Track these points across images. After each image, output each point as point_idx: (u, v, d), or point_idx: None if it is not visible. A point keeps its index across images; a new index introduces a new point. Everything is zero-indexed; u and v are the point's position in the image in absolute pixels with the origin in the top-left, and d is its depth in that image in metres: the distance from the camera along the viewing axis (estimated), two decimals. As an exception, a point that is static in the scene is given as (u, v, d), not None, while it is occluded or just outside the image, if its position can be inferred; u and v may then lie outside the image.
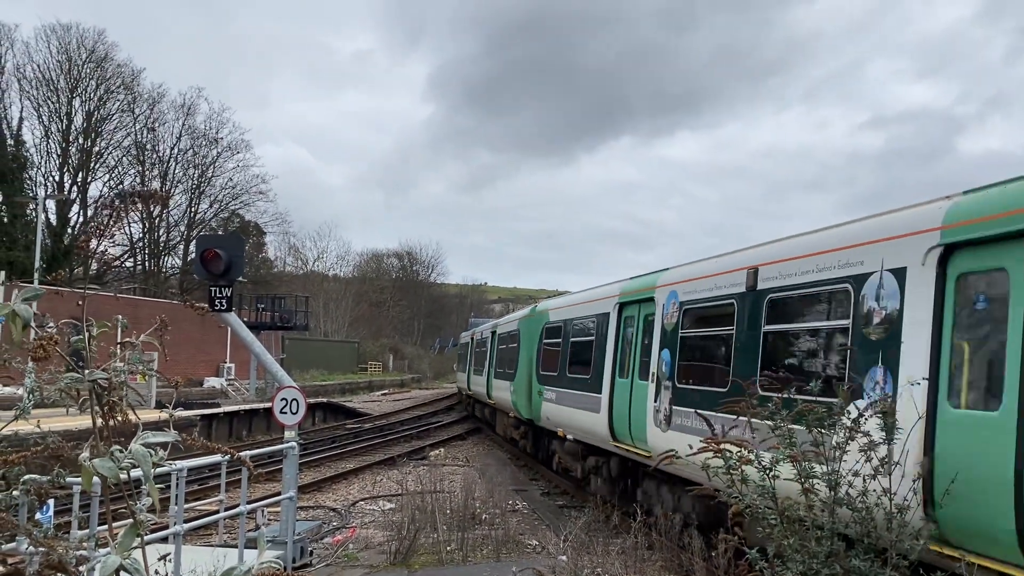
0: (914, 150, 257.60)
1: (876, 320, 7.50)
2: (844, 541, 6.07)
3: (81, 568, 1.94)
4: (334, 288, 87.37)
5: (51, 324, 1.81)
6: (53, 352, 1.71)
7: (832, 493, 6.08)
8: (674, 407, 11.69)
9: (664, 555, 11.09)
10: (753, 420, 6.70)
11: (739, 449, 6.41)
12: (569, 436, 17.52)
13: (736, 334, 10.17)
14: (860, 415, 6.06)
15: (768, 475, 6.28)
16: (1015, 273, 6.10)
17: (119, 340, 1.96)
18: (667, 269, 13.24)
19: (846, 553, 5.93)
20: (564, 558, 10.31)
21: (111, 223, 1.95)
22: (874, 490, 5.99)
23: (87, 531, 6.74)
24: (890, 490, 5.95)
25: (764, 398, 7.10)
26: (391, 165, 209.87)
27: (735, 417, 7.21)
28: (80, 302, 1.83)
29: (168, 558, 5.87)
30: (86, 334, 1.79)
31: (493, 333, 29.86)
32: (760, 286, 9.66)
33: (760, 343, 9.52)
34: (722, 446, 6.46)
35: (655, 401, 12.37)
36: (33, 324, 1.77)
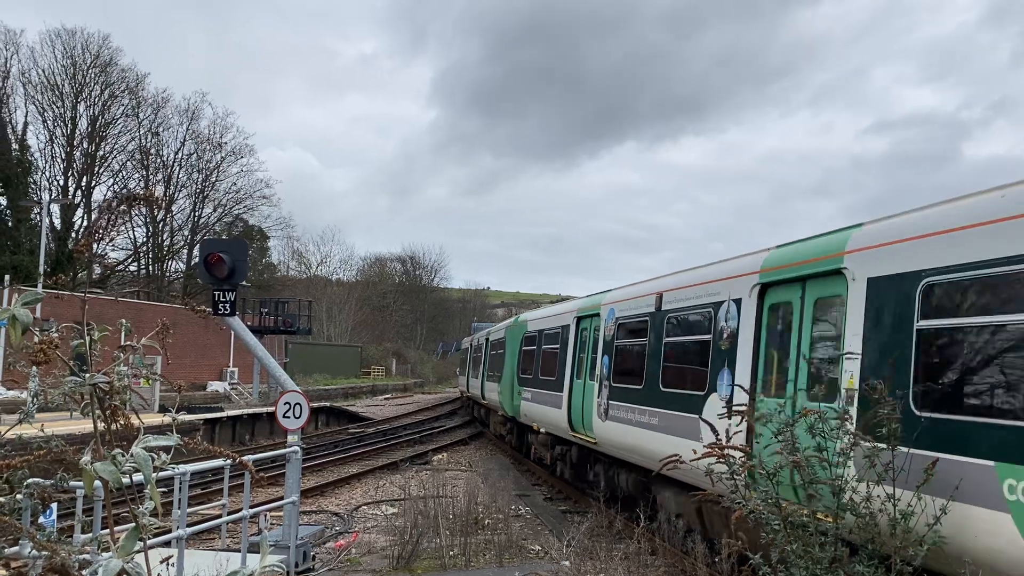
0: (919, 155, 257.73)
1: (725, 335, 10.12)
2: (848, 547, 6.06)
3: (84, 572, 1.94)
4: (337, 292, 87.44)
5: (54, 328, 1.81)
6: (54, 356, 1.71)
7: (836, 498, 6.07)
8: (610, 401, 14.66)
9: (667, 560, 11.06)
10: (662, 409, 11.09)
11: (740, 455, 6.41)
12: (542, 429, 20.59)
13: (648, 344, 12.97)
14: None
15: (772, 481, 6.28)
16: (796, 305, 8.78)
17: (122, 344, 1.96)
18: (610, 291, 16.33)
19: (850, 559, 5.91)
20: (567, 563, 10.29)
21: (110, 226, 1.95)
22: (878, 495, 5.98)
23: (90, 535, 6.75)
24: (893, 495, 5.94)
25: (665, 392, 11.46)
26: (395, 170, 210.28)
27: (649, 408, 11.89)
28: (83, 306, 1.83)
29: (171, 562, 5.87)
30: (87, 338, 1.79)
31: (487, 340, 32.23)
32: (663, 308, 12.66)
33: (662, 351, 12.30)
34: (725, 452, 6.45)
35: (598, 397, 15.26)
36: (33, 328, 1.77)
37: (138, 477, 1.78)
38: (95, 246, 1.97)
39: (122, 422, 1.75)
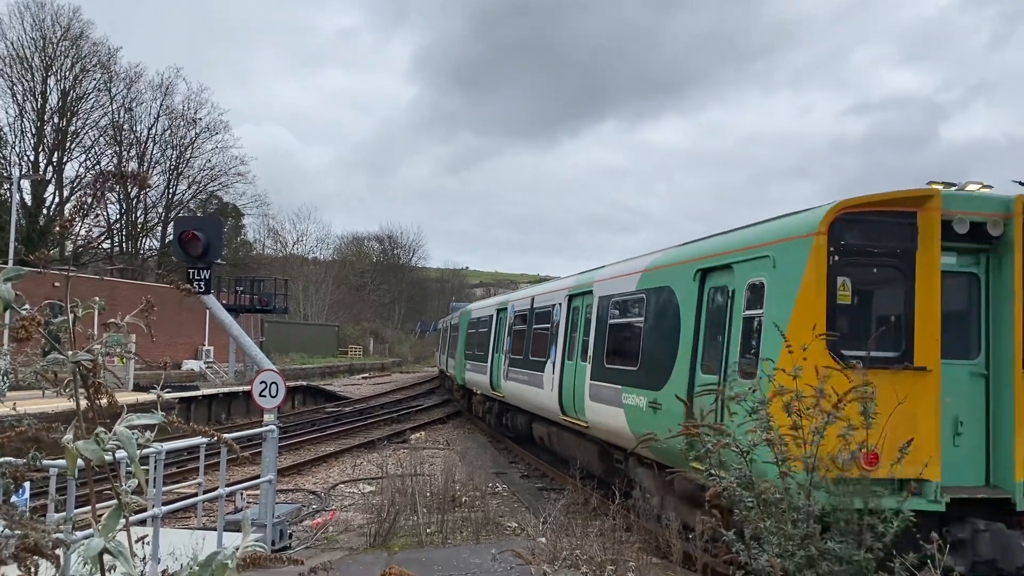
0: (897, 136, 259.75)
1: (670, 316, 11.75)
2: (820, 524, 6.16)
3: (58, 551, 1.93)
4: (314, 271, 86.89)
5: (26, 306, 1.78)
6: (36, 333, 1.68)
7: (809, 476, 6.17)
8: (503, 369, 21.96)
9: (642, 537, 11.18)
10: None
11: (716, 433, 6.48)
12: (476, 391, 27.49)
13: (557, 325, 17.54)
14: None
15: (746, 459, 6.36)
16: (734, 288, 9.88)
17: (96, 322, 1.94)
18: (511, 296, 23.76)
19: (821, 536, 6.02)
20: (543, 540, 10.38)
21: (94, 203, 1.92)
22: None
23: (63, 514, 6.70)
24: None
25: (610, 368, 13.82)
26: (374, 147, 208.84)
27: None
28: (56, 284, 1.81)
29: (146, 541, 5.85)
30: (70, 315, 1.77)
31: (452, 325, 38.18)
32: (596, 293, 15.37)
33: (607, 332, 14.30)
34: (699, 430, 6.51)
35: (504, 364, 21.81)
36: (15, 305, 1.74)
37: (117, 455, 1.77)
38: (80, 223, 1.94)
39: (105, 400, 1.73)
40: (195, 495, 11.13)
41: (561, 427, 16.95)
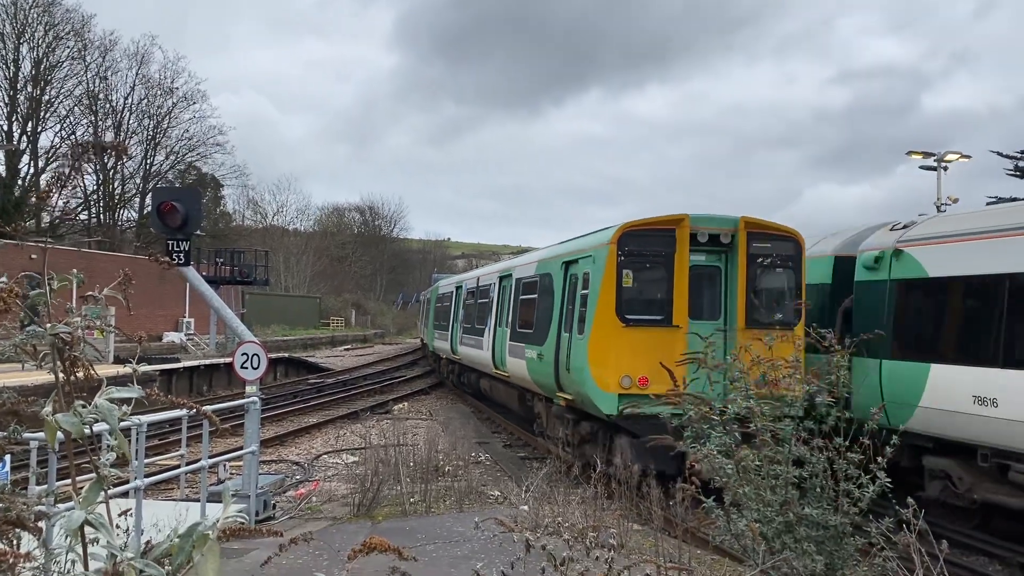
0: (880, 106, 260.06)
1: (562, 292, 15.62)
2: (798, 490, 6.27)
3: (40, 523, 1.93)
4: (294, 243, 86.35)
5: (3, 277, 1.76)
6: (14, 305, 1.67)
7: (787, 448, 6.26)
8: (460, 336, 26.16)
9: (623, 504, 11.32)
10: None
11: (699, 403, 6.55)
12: (443, 356, 31.54)
13: (492, 301, 21.74)
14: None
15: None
16: (577, 275, 14.56)
17: (74, 295, 1.92)
18: (465, 276, 28.91)
19: (799, 501, 6.12)
20: (525, 508, 10.49)
21: (71, 174, 1.89)
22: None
23: (45, 487, 6.68)
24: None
25: (522, 332, 17.94)
26: (355, 117, 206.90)
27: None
28: (33, 256, 1.79)
29: (129, 513, 5.86)
30: (47, 287, 1.75)
31: (426, 299, 41.99)
32: (514, 276, 19.81)
33: (516, 305, 19.06)
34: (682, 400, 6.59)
35: (460, 332, 26.24)
36: None
37: (97, 428, 1.76)
38: (57, 195, 1.91)
39: (82, 373, 1.72)
40: (178, 467, 11.14)
41: (495, 379, 21.88)
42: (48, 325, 1.69)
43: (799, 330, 12.66)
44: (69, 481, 1.83)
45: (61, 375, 1.70)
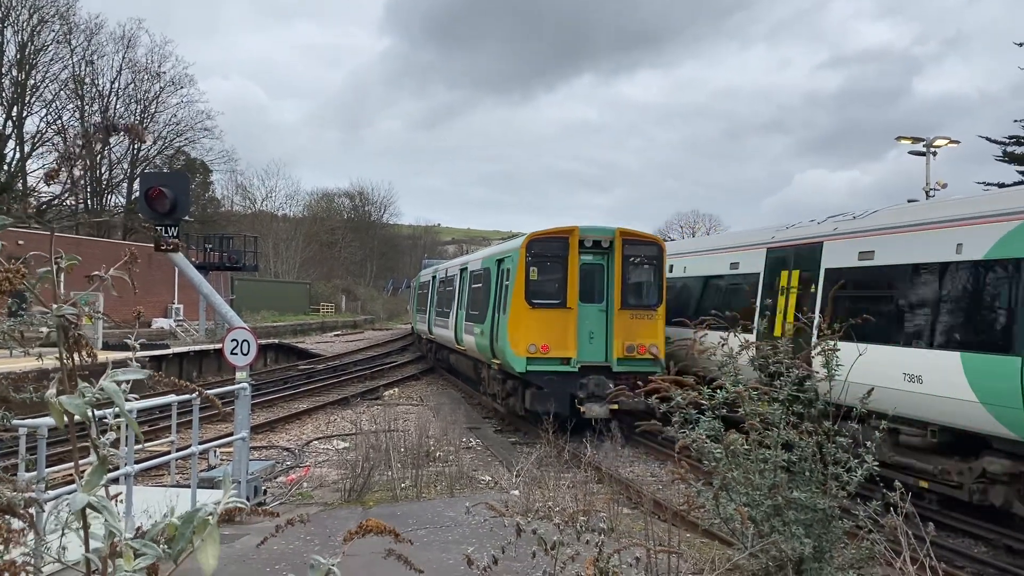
0: (872, 91, 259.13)
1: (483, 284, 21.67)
2: (787, 473, 6.31)
3: (30, 510, 1.92)
4: (284, 228, 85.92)
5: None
6: (19, 285, 1.65)
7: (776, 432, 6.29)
8: (434, 319, 30.60)
9: (612, 487, 11.40)
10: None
11: (688, 390, 6.58)
12: (423, 335, 37.10)
13: (460, 287, 25.40)
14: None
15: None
16: (503, 270, 19.68)
17: (62, 281, 1.90)
18: (438, 268, 33.20)
19: (788, 485, 6.16)
20: (516, 492, 10.54)
21: (83, 154, 1.86)
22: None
23: (34, 473, 6.67)
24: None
25: (472, 313, 22.80)
26: (345, 102, 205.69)
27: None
28: (20, 242, 1.78)
29: (119, 499, 5.84)
30: (53, 267, 1.73)
31: (413, 286, 46.78)
32: (469, 269, 24.50)
33: (470, 292, 23.65)
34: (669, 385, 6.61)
35: (434, 315, 30.73)
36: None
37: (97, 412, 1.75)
38: (67, 174, 1.89)
39: (86, 355, 1.71)
40: (167, 453, 11.13)
41: (457, 353, 26.87)
42: (55, 306, 1.68)
43: (660, 310, 18.20)
44: (59, 468, 1.82)
45: (66, 357, 1.70)
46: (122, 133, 1.87)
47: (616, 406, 15.52)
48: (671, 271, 20.17)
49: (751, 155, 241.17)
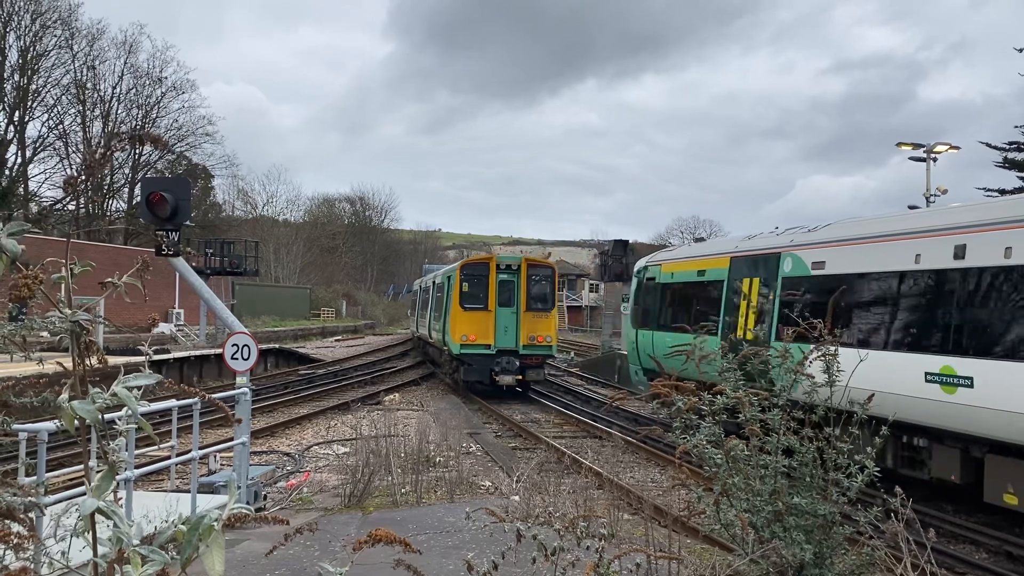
0: (875, 96, 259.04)
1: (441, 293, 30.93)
2: (788, 479, 6.30)
3: (30, 515, 1.93)
4: (284, 233, 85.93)
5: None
6: (37, 290, 1.65)
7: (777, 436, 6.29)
8: (419, 320, 40.74)
9: (613, 493, 11.38)
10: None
11: (688, 395, 6.58)
12: (414, 334, 44.49)
13: (431, 295, 34.39)
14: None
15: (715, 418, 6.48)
16: (452, 283, 28.26)
17: (66, 287, 1.91)
18: (428, 276, 40.88)
19: (788, 491, 6.15)
20: (517, 498, 10.52)
21: (105, 161, 1.87)
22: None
23: (34, 478, 6.66)
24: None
25: (435, 314, 31.90)
26: (347, 106, 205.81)
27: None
28: (22, 248, 1.77)
29: (119, 503, 5.82)
30: (68, 273, 1.74)
31: (413, 292, 53.46)
32: (437, 280, 33.21)
33: (438, 298, 31.38)
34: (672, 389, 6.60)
35: (421, 318, 39.03)
36: (20, 262, 1.70)
37: (107, 416, 1.75)
38: (86, 178, 1.89)
39: (97, 360, 1.72)
40: (167, 458, 11.11)
41: (431, 345, 34.37)
42: (68, 311, 1.68)
43: (553, 312, 27.01)
44: (58, 473, 1.83)
45: (80, 363, 1.70)
46: (148, 143, 1.89)
47: (521, 376, 25.94)
48: (655, 278, 21.72)
49: (753, 160, 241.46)
